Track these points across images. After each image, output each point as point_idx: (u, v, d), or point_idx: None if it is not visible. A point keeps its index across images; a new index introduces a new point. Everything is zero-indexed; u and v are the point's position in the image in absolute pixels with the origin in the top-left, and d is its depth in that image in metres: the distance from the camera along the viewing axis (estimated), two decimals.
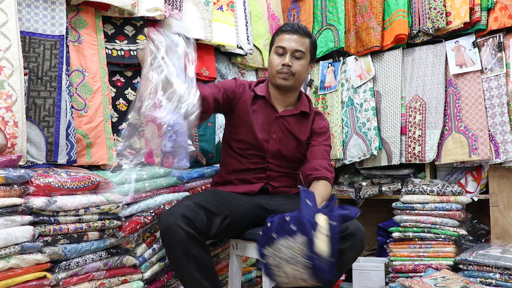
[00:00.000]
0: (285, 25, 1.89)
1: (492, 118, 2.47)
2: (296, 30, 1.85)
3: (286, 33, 1.85)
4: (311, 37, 1.89)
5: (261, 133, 1.88)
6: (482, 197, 2.55)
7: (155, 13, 2.15)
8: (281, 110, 1.93)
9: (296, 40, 1.84)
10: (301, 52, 1.84)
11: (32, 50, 1.79)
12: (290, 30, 1.85)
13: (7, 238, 1.40)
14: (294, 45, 1.83)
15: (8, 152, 1.61)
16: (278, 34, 1.88)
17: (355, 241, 1.56)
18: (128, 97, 2.16)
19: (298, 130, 1.93)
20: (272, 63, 1.87)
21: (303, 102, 1.97)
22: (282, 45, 1.84)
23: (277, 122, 1.91)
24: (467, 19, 2.50)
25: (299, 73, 1.85)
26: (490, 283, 2.09)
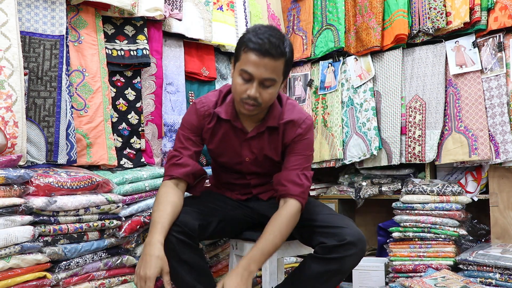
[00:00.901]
0: (255, 39, 1.48)
1: (492, 118, 2.47)
2: (268, 51, 1.46)
3: (254, 54, 1.47)
4: (285, 56, 1.51)
5: (233, 158, 1.76)
6: (482, 197, 2.55)
7: (155, 13, 2.15)
8: (250, 129, 1.70)
9: (267, 66, 1.47)
10: (271, 81, 1.51)
11: (32, 50, 1.79)
12: (260, 51, 1.46)
13: (7, 238, 1.40)
14: (263, 72, 1.48)
15: (8, 152, 1.61)
16: (245, 51, 1.50)
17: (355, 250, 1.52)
18: (128, 97, 2.16)
19: (269, 150, 1.72)
20: (236, 88, 1.54)
21: (273, 115, 1.67)
22: (248, 71, 1.48)
23: (246, 144, 1.71)
24: (467, 19, 2.50)
25: (267, 102, 1.56)
26: (490, 283, 2.09)
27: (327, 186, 3.11)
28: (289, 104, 1.73)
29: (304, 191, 1.63)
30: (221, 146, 1.74)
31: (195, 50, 2.54)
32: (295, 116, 1.69)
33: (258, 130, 1.68)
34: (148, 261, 1.42)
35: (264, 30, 1.49)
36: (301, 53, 3.10)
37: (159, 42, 2.28)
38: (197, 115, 1.70)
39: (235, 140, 1.71)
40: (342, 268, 1.54)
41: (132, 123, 2.15)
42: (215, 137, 1.72)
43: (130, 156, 2.13)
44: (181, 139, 1.72)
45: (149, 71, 2.25)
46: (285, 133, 1.69)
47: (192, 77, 2.51)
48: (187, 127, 1.72)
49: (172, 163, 1.68)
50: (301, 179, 1.62)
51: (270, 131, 1.70)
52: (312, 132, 1.73)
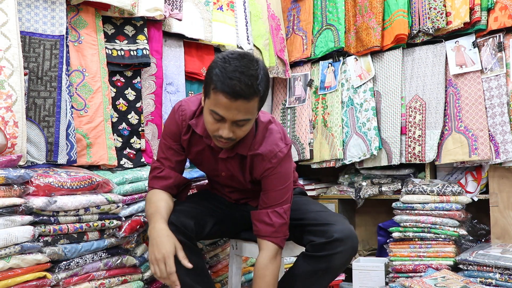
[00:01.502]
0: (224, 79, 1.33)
1: (492, 118, 2.47)
2: (239, 93, 1.33)
3: (225, 97, 1.34)
4: (259, 94, 1.38)
5: (211, 171, 1.75)
6: (482, 197, 2.55)
7: (155, 13, 2.15)
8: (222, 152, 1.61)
9: (239, 108, 1.36)
10: (245, 121, 1.42)
11: (32, 50, 1.79)
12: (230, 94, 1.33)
13: (7, 238, 1.40)
14: (235, 114, 1.38)
15: (8, 152, 1.61)
16: (215, 91, 1.36)
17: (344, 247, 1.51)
18: (128, 97, 2.16)
19: (240, 174, 1.66)
20: (208, 125, 1.46)
21: (245, 143, 1.57)
22: (219, 113, 1.38)
23: (221, 162, 1.65)
24: (467, 19, 2.50)
25: (242, 136, 1.49)
26: (490, 283, 2.09)
27: (327, 186, 3.11)
28: (264, 132, 1.59)
29: (276, 229, 1.55)
30: (198, 158, 1.71)
31: (195, 50, 2.54)
32: (266, 149, 1.57)
33: (228, 155, 1.59)
34: (160, 242, 1.42)
35: (234, 64, 1.34)
36: (301, 53, 3.10)
37: (159, 42, 2.28)
38: (176, 123, 1.64)
39: (210, 156, 1.66)
40: (331, 266, 1.53)
41: (132, 123, 2.15)
42: (192, 148, 1.67)
43: (130, 156, 2.13)
44: (163, 148, 1.68)
45: (149, 71, 2.25)
46: (253, 165, 1.60)
47: (192, 77, 2.51)
48: (168, 134, 1.67)
49: (154, 175, 1.68)
50: (271, 218, 1.55)
51: (240, 158, 1.61)
52: (286, 162, 1.60)
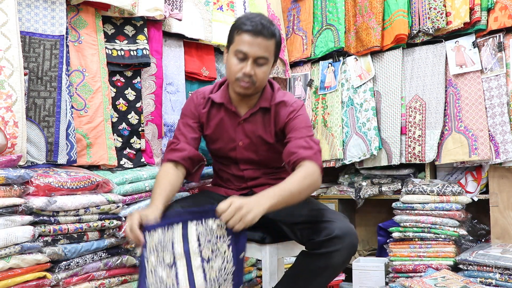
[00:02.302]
0: (247, 22, 1.61)
1: (492, 118, 2.47)
2: (260, 31, 1.60)
3: (248, 34, 1.60)
4: (275, 37, 1.65)
5: (227, 143, 1.79)
6: (482, 197, 2.55)
7: (155, 13, 2.15)
8: (244, 112, 1.77)
9: (260, 45, 1.60)
10: (264, 59, 1.63)
11: (32, 50, 1.79)
12: (254, 32, 1.60)
13: (7, 238, 1.40)
14: (257, 51, 1.60)
15: (8, 152, 1.61)
16: (239, 33, 1.62)
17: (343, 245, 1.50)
18: (128, 97, 2.16)
19: (263, 132, 1.76)
20: (231, 68, 1.65)
21: (265, 97, 1.76)
22: (243, 50, 1.60)
23: (241, 127, 1.77)
24: (467, 19, 2.50)
25: (261, 80, 1.66)
26: (490, 283, 2.09)
27: (327, 186, 3.11)
28: (280, 90, 1.82)
29: (316, 153, 1.61)
30: (217, 132, 1.80)
31: (195, 50, 2.54)
32: (286, 98, 1.77)
33: (251, 112, 1.75)
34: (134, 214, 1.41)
35: (255, 15, 1.64)
36: (301, 53, 3.10)
37: (159, 42, 2.28)
38: (194, 102, 1.83)
39: (229, 124, 1.78)
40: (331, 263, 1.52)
41: (132, 123, 2.15)
42: (211, 122, 1.80)
43: (130, 156, 2.13)
44: (180, 126, 1.83)
45: (149, 71, 2.25)
46: (277, 115, 1.74)
47: (192, 77, 2.51)
48: (185, 114, 1.84)
49: (170, 148, 1.79)
50: (309, 143, 1.64)
51: (263, 113, 1.76)
52: (305, 111, 1.76)
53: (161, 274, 1.29)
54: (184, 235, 1.31)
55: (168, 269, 1.29)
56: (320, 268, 1.54)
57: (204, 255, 1.30)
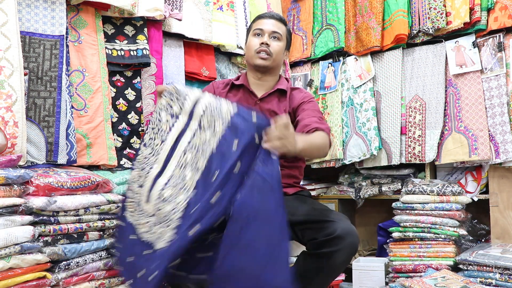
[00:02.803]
0: (262, 14, 1.96)
1: (492, 118, 2.47)
2: (273, 16, 1.92)
3: (263, 18, 1.91)
4: (286, 25, 1.94)
5: None
6: (482, 197, 2.55)
7: (155, 13, 2.15)
8: (261, 94, 1.91)
9: (273, 24, 1.89)
10: (278, 34, 1.88)
11: (32, 50, 1.79)
12: (267, 16, 1.91)
13: (7, 238, 1.40)
14: (271, 27, 1.88)
15: (8, 152, 1.61)
16: (255, 21, 1.94)
17: (344, 245, 1.51)
18: (128, 97, 2.16)
19: (279, 109, 1.88)
20: (250, 44, 1.88)
21: (281, 82, 1.95)
22: (260, 27, 1.88)
23: (258, 106, 1.88)
24: (467, 19, 2.50)
25: (276, 53, 1.86)
26: (490, 283, 2.09)
27: (327, 186, 3.11)
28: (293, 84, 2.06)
29: (328, 128, 1.73)
30: None
31: (195, 50, 2.54)
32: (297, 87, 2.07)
33: (268, 92, 1.90)
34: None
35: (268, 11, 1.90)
36: (301, 53, 3.10)
37: (159, 42, 2.28)
38: (213, 86, 1.98)
39: (246, 103, 1.86)
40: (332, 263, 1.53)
41: (132, 123, 2.15)
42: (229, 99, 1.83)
43: (130, 156, 2.13)
44: None
45: (149, 71, 2.25)
46: (292, 98, 1.91)
47: (192, 77, 2.52)
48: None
49: None
50: (322, 121, 1.78)
51: (279, 94, 1.91)
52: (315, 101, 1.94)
53: (164, 116, 1.44)
54: (197, 98, 1.41)
55: (170, 117, 1.43)
56: (320, 268, 1.54)
57: (201, 123, 1.37)
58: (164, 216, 1.32)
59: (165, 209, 1.32)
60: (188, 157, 1.35)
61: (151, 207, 1.37)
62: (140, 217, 1.41)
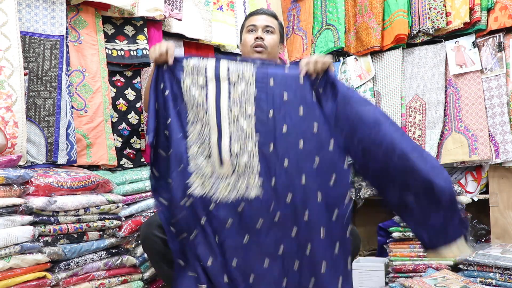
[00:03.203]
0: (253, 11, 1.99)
1: (492, 118, 2.47)
2: (264, 11, 1.96)
3: (255, 15, 1.94)
4: (277, 18, 1.98)
5: None
6: (482, 197, 2.55)
7: (155, 13, 2.15)
8: None
9: (265, 19, 1.92)
10: (271, 28, 1.91)
11: (32, 50, 1.79)
12: (258, 12, 1.95)
13: (7, 238, 1.40)
14: (264, 22, 1.91)
15: (8, 152, 1.61)
16: (247, 18, 1.98)
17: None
18: (128, 97, 2.16)
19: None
20: (245, 40, 1.91)
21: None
22: (253, 23, 1.91)
23: None
24: (467, 19, 2.50)
25: (271, 46, 1.88)
26: (490, 283, 2.09)
27: None
28: None
29: None
30: None
31: (195, 50, 2.53)
32: None
33: None
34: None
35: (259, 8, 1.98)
36: (301, 53, 3.10)
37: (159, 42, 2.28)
38: None
39: None
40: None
41: (132, 123, 2.15)
42: None
43: (130, 156, 2.13)
44: None
45: (149, 71, 2.24)
46: None
47: None
48: None
49: None
50: None
51: None
52: None
53: (194, 93, 1.51)
54: (216, 66, 1.53)
55: (200, 89, 1.51)
56: None
57: (231, 80, 1.51)
58: (244, 167, 1.47)
59: (242, 161, 1.47)
60: (235, 111, 1.50)
61: (227, 167, 1.48)
62: (217, 183, 1.49)
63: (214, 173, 1.48)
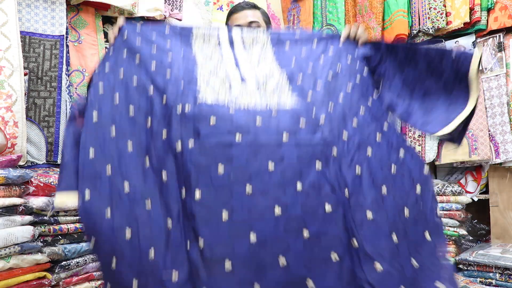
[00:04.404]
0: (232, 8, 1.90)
1: (492, 118, 2.47)
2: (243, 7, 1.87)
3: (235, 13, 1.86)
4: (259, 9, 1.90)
5: None
6: (482, 197, 2.55)
7: (155, 13, 2.15)
8: None
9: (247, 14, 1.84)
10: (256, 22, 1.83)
11: (32, 50, 1.79)
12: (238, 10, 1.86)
13: (7, 238, 1.40)
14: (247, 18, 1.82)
15: (8, 152, 1.61)
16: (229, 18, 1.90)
17: None
18: None
19: None
20: None
21: None
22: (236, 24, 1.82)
23: None
24: (467, 19, 2.50)
25: None
26: (490, 283, 2.09)
27: None
28: None
29: None
30: None
31: None
32: None
33: None
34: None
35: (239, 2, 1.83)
36: None
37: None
38: None
39: None
40: None
41: None
42: None
43: None
44: None
45: None
46: None
47: None
48: None
49: None
50: None
51: None
52: None
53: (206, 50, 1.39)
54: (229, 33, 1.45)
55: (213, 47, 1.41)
56: None
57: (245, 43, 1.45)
58: (272, 88, 1.32)
59: (269, 83, 1.33)
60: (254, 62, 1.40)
61: (251, 83, 1.32)
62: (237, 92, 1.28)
63: (232, 87, 1.30)
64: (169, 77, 1.27)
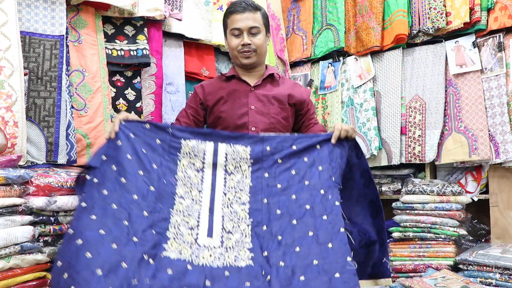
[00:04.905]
0: (232, 6, 1.89)
1: (492, 118, 2.47)
2: (245, 8, 1.86)
3: (236, 14, 1.85)
4: (260, 10, 1.90)
5: (238, 108, 1.87)
6: (482, 197, 2.55)
7: (155, 13, 2.15)
8: (253, 83, 1.92)
9: (248, 18, 1.84)
10: (256, 28, 1.85)
11: (32, 50, 1.79)
12: (239, 11, 1.85)
13: (7, 238, 1.40)
14: (248, 23, 1.84)
15: (8, 152, 1.61)
16: (229, 16, 1.89)
17: None
18: (128, 97, 2.16)
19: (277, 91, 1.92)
20: (231, 44, 1.87)
21: (269, 68, 1.98)
22: (236, 27, 1.84)
23: (253, 94, 1.89)
24: (467, 19, 2.50)
25: (259, 47, 1.86)
26: (490, 283, 2.09)
27: None
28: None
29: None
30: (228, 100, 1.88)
31: (195, 50, 2.54)
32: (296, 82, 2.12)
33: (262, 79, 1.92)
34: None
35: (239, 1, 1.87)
36: (301, 53, 3.10)
37: (159, 42, 2.28)
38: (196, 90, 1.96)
39: (240, 92, 1.90)
40: None
41: None
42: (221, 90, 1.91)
43: None
44: (182, 110, 1.96)
45: (149, 71, 2.25)
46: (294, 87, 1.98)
47: (192, 77, 2.51)
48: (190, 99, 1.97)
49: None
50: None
51: (271, 80, 1.95)
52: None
53: (190, 174, 1.57)
54: (215, 151, 1.60)
55: (196, 172, 1.58)
56: None
57: (227, 169, 1.59)
58: (235, 243, 1.48)
59: (233, 237, 1.49)
60: (230, 197, 1.56)
61: (216, 239, 1.48)
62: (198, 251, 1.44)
63: (197, 243, 1.45)
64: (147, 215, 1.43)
